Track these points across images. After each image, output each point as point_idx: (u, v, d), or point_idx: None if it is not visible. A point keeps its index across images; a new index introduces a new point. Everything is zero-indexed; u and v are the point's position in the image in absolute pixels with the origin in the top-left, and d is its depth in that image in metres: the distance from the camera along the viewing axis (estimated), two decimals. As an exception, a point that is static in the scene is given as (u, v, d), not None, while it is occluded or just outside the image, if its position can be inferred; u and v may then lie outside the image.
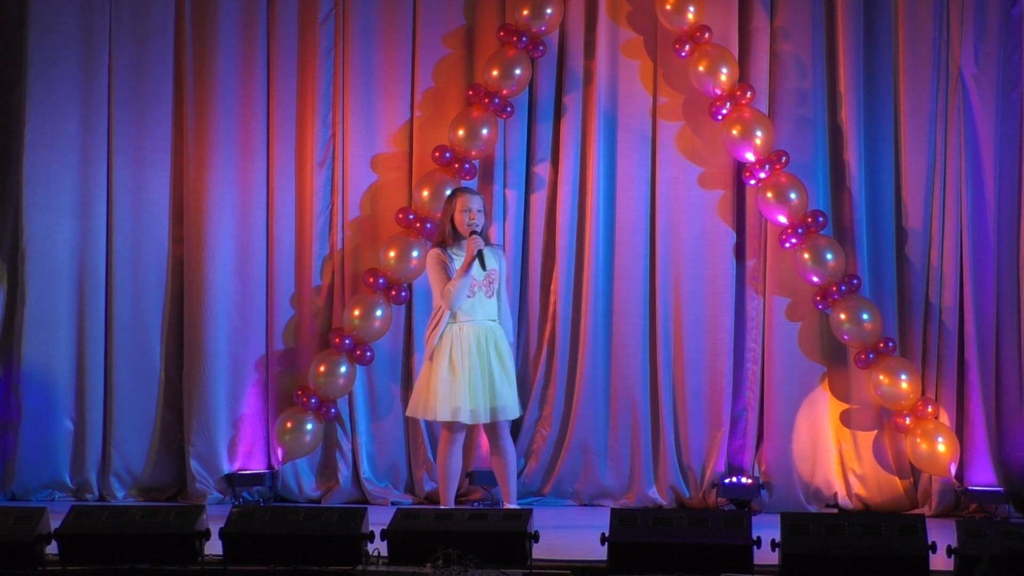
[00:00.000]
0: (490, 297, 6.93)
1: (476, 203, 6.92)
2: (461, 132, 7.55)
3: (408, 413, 7.15)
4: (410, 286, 7.70)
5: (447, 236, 6.93)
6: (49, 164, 7.82)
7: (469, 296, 6.88)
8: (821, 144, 7.62)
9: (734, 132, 7.43)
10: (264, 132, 7.87)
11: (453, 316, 6.89)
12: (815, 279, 7.40)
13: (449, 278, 6.85)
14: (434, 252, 6.95)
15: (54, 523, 5.81)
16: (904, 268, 7.60)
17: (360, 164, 7.87)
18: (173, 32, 7.88)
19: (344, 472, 7.81)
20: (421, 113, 7.86)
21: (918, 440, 7.28)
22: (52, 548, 5.78)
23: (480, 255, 6.81)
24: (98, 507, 6.13)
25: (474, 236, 6.84)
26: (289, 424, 7.59)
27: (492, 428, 6.93)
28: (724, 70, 7.44)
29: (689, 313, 7.68)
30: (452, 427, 6.90)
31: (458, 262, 6.87)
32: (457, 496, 7.09)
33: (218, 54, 7.81)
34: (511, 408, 6.91)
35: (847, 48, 7.58)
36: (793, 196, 7.37)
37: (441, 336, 6.89)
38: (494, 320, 6.94)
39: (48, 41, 7.80)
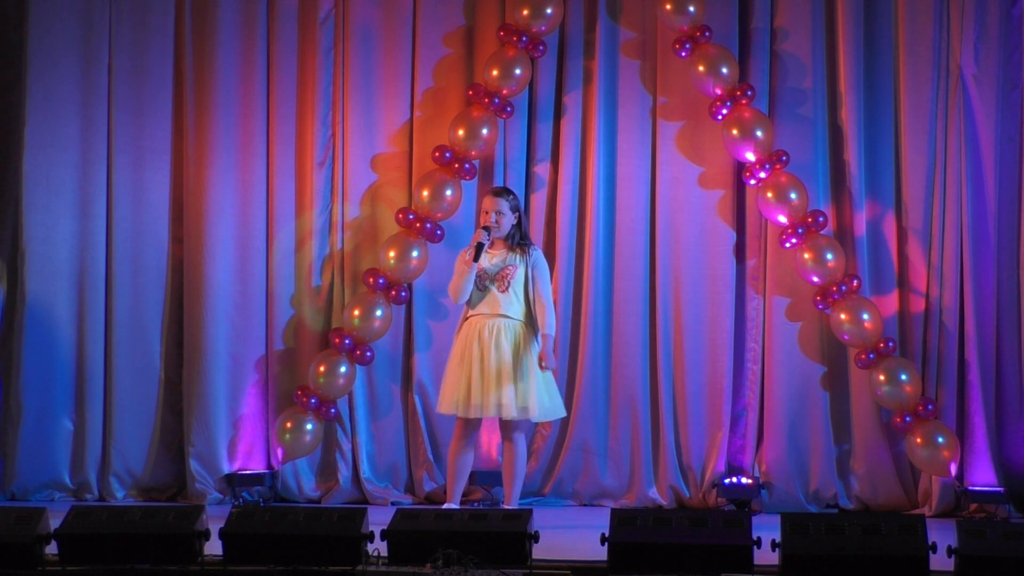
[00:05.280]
0: (502, 292, 6.93)
1: (496, 205, 6.96)
2: (461, 132, 7.55)
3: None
4: (410, 286, 7.70)
5: None
6: (49, 164, 7.81)
7: (480, 290, 6.93)
8: (821, 144, 7.62)
9: (734, 132, 7.43)
10: (264, 132, 7.87)
11: (466, 310, 6.96)
12: (815, 279, 7.40)
13: None
14: (461, 252, 7.06)
15: (54, 523, 5.80)
16: (904, 268, 7.60)
17: (360, 164, 7.87)
18: (173, 32, 7.88)
19: (344, 472, 7.81)
20: (421, 113, 7.86)
21: (918, 440, 7.28)
22: (52, 548, 5.77)
23: (478, 247, 6.85)
24: (98, 507, 6.12)
25: (480, 230, 6.90)
26: (289, 424, 7.59)
27: (502, 425, 6.95)
28: (724, 70, 7.44)
29: (689, 313, 7.68)
30: (463, 423, 6.92)
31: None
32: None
33: (218, 54, 7.81)
34: (512, 408, 6.83)
35: (847, 48, 7.58)
36: (793, 196, 7.37)
37: (457, 330, 6.96)
38: (506, 316, 6.92)
39: (48, 41, 7.79)
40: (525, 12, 7.52)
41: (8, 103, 7.90)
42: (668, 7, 7.47)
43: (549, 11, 7.55)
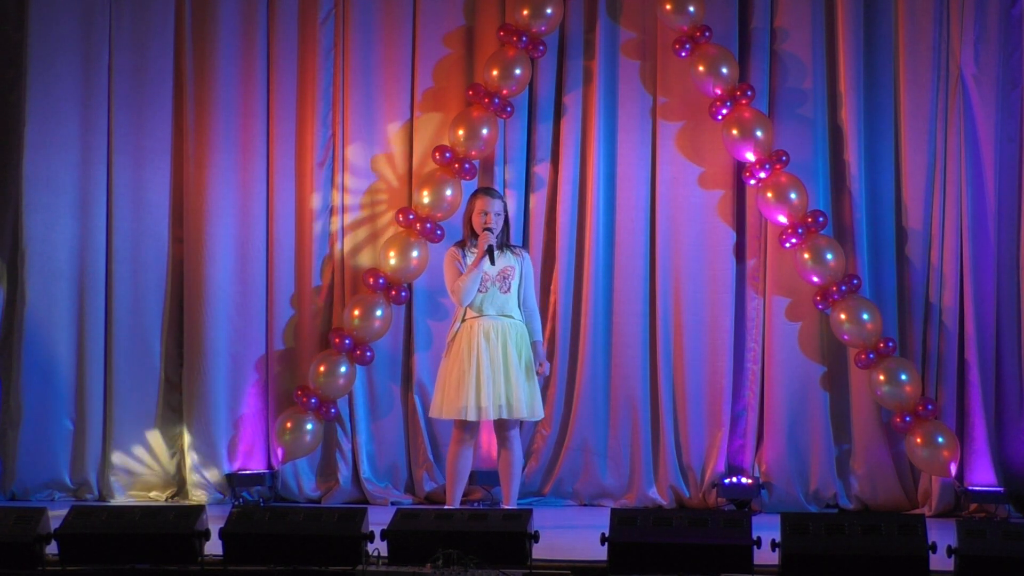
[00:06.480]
0: (505, 293, 6.93)
1: (495, 206, 6.95)
2: (461, 132, 7.55)
3: (429, 414, 7.17)
4: (410, 286, 7.70)
5: (466, 235, 7.01)
6: (49, 164, 7.82)
7: (481, 291, 6.91)
8: (821, 144, 7.63)
9: (734, 132, 7.43)
10: (264, 132, 7.87)
11: (465, 312, 6.92)
12: (815, 279, 7.40)
13: (460, 275, 6.91)
14: (450, 251, 7.05)
15: (54, 523, 5.81)
16: (904, 268, 7.60)
17: (360, 164, 7.87)
18: (173, 32, 7.88)
19: (344, 472, 7.82)
20: (421, 113, 7.86)
21: (918, 440, 7.28)
22: (52, 548, 5.78)
23: (490, 251, 6.84)
24: (98, 507, 6.13)
25: (486, 232, 6.89)
26: (289, 424, 7.59)
27: (499, 425, 6.93)
28: (724, 70, 7.44)
29: (689, 313, 7.68)
30: (463, 426, 6.90)
31: (471, 260, 6.91)
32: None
33: (218, 54, 7.82)
34: (523, 407, 6.84)
35: (847, 48, 7.58)
36: (793, 196, 7.37)
37: (456, 333, 6.93)
38: (510, 316, 6.93)
39: (48, 41, 7.79)
40: (525, 12, 7.52)
41: (8, 103, 7.90)
42: (668, 7, 7.47)
43: (549, 11, 7.55)
